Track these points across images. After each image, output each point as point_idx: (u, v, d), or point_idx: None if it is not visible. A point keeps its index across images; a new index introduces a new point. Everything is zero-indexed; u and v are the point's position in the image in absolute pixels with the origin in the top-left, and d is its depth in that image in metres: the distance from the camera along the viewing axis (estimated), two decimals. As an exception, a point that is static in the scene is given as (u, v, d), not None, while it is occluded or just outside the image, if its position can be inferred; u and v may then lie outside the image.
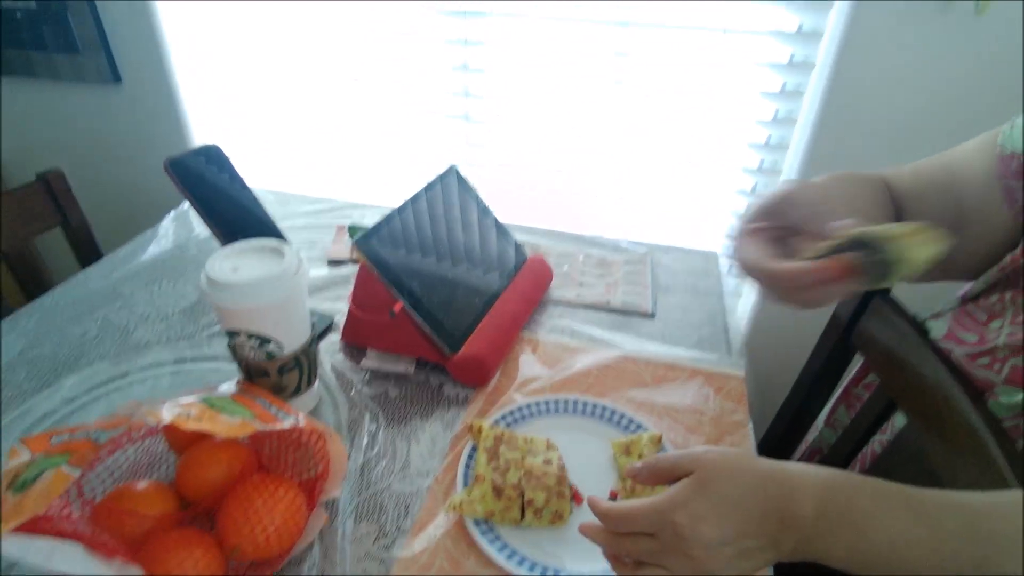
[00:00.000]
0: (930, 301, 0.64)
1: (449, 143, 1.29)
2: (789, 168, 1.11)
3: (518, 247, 0.90)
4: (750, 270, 0.48)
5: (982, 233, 0.56)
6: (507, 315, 0.78)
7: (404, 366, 0.72)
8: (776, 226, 0.51)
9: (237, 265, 0.56)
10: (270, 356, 0.57)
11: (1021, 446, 0.51)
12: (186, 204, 1.00)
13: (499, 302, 0.79)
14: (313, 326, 0.62)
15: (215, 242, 0.65)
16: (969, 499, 0.38)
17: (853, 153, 0.99)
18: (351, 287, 0.75)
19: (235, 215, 0.69)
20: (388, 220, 0.71)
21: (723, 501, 0.38)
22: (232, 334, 0.56)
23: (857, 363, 0.76)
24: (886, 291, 0.67)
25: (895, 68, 0.92)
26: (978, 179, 0.55)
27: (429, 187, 0.80)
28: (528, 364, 0.75)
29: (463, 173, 0.86)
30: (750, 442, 0.66)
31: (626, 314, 0.86)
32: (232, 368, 0.62)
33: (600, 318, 0.85)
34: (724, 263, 0.98)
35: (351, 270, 0.92)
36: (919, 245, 0.36)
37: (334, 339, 0.78)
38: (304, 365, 0.61)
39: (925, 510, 0.37)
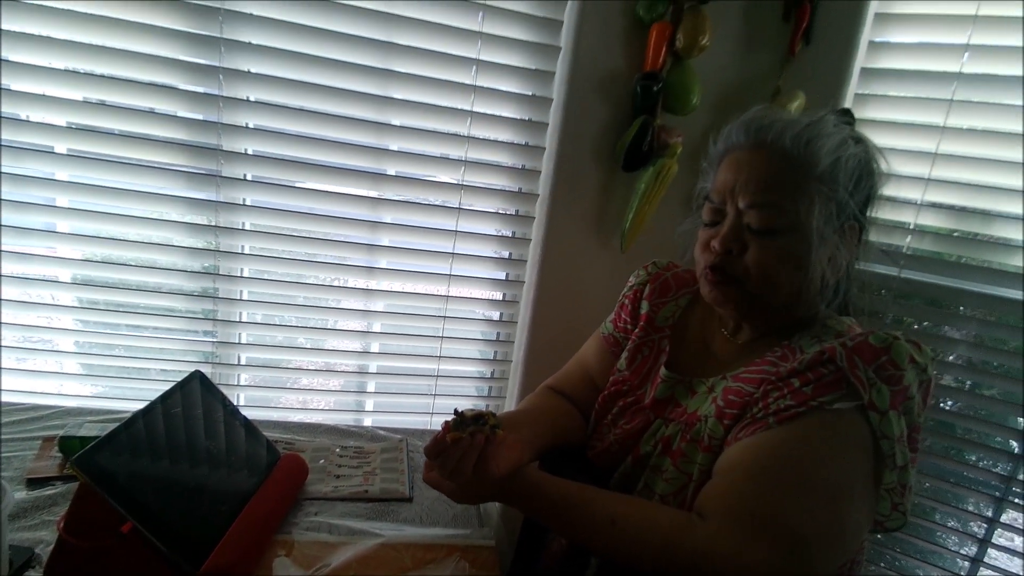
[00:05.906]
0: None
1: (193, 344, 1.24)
2: (514, 369, 1.35)
3: (270, 446, 0.89)
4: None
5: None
6: (258, 519, 0.75)
7: (131, 596, 0.63)
8: None
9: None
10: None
11: None
12: None
13: (249, 506, 0.76)
14: (11, 563, 0.53)
15: None
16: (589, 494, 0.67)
17: (557, 344, 1.28)
18: (61, 511, 0.65)
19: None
20: (114, 434, 0.66)
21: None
22: None
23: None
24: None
25: (577, 283, 1.28)
26: (595, 356, 0.92)
27: (166, 396, 0.76)
28: (283, 568, 0.71)
29: (209, 376, 0.85)
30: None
31: (385, 501, 0.89)
32: None
33: (359, 509, 0.87)
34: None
35: (60, 490, 0.79)
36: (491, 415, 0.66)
37: (32, 578, 0.65)
38: (-7, 617, 0.50)
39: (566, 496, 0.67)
